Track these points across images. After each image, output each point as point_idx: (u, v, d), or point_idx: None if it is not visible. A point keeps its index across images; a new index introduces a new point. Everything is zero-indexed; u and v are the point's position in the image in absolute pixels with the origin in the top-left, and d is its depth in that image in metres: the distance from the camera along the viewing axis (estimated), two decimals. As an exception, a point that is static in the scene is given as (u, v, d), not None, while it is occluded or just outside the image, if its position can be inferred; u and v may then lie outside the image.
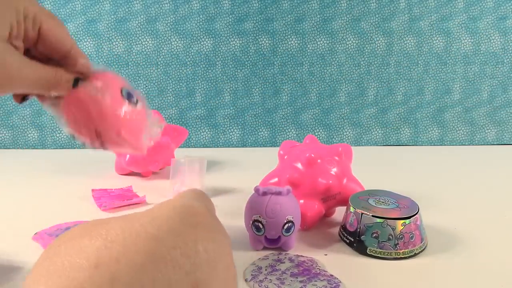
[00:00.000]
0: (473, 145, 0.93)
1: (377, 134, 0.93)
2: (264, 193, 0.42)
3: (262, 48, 0.90)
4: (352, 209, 0.44)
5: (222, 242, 0.23)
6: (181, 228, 0.20)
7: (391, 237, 0.42)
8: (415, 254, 0.43)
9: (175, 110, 0.91)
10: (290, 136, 0.92)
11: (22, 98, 0.35)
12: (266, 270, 0.39)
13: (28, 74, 0.31)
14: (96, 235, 0.19)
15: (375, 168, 0.74)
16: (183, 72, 0.90)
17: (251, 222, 0.42)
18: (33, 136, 0.90)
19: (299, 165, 0.49)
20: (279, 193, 0.42)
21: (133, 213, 0.21)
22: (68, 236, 0.20)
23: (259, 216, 0.42)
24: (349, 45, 0.91)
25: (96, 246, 0.18)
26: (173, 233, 0.20)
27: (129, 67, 0.89)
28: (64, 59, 0.34)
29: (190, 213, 0.22)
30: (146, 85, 0.90)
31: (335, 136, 0.92)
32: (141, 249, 0.18)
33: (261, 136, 0.92)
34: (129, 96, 0.37)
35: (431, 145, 0.93)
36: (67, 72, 0.34)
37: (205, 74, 0.91)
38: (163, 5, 0.88)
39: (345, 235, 0.45)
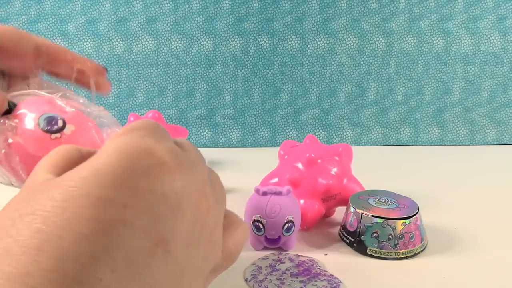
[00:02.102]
0: (473, 145, 0.93)
1: (377, 134, 0.93)
2: (264, 193, 0.42)
3: (262, 48, 0.90)
4: (352, 209, 0.44)
5: (189, 177, 0.18)
6: (131, 179, 0.16)
7: (391, 237, 0.42)
8: (415, 254, 0.43)
9: (175, 110, 0.91)
10: (290, 136, 0.92)
11: None
12: (266, 270, 0.39)
13: None
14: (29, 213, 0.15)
15: (375, 168, 0.74)
16: (183, 72, 0.90)
17: (251, 222, 0.42)
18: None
19: (299, 165, 0.49)
20: (279, 193, 0.42)
21: (68, 173, 0.17)
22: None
23: (259, 216, 0.42)
24: (349, 45, 0.91)
25: (34, 228, 0.14)
26: (121, 188, 0.16)
27: (129, 67, 0.89)
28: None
29: (139, 156, 0.17)
30: (146, 85, 0.90)
31: (335, 136, 0.92)
32: (84, 218, 0.15)
33: (261, 136, 0.92)
34: (48, 124, 0.31)
35: (431, 145, 0.93)
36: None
37: (205, 74, 0.91)
38: (163, 5, 0.88)
39: (345, 235, 0.45)
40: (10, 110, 0.30)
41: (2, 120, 0.30)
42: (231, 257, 0.22)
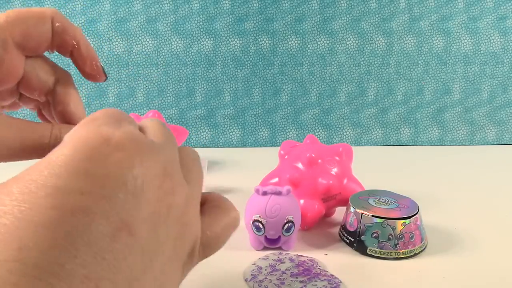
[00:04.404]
0: (473, 145, 0.93)
1: (377, 134, 0.93)
2: (264, 193, 0.42)
3: (262, 48, 0.90)
4: (352, 209, 0.44)
5: (150, 160, 0.18)
6: (87, 167, 0.16)
7: (391, 237, 0.42)
8: (415, 254, 0.43)
9: (175, 110, 0.91)
10: (290, 136, 0.92)
11: None
12: (266, 270, 0.39)
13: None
14: None
15: (375, 168, 0.74)
16: (183, 72, 0.90)
17: (251, 222, 0.42)
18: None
19: (299, 165, 0.49)
20: (279, 193, 0.42)
21: (27, 169, 0.17)
22: None
23: (259, 216, 0.42)
24: (349, 45, 0.91)
25: None
26: (78, 176, 0.16)
27: (129, 67, 0.90)
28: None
29: (94, 145, 0.17)
30: (146, 85, 0.90)
31: (335, 136, 0.92)
32: (43, 207, 0.15)
33: (261, 136, 0.92)
34: None
35: (431, 145, 0.93)
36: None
37: (205, 74, 0.91)
38: (163, 5, 0.88)
39: (345, 235, 0.45)
40: None
41: None
42: (216, 243, 0.22)
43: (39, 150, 0.24)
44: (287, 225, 0.42)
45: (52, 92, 0.27)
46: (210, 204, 0.22)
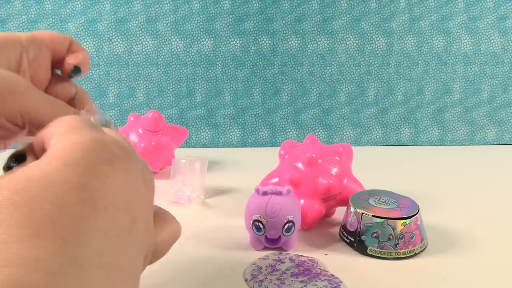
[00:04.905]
0: (473, 145, 0.93)
1: (377, 134, 0.93)
2: (265, 193, 0.42)
3: (262, 48, 0.90)
4: (352, 209, 0.44)
5: (134, 161, 0.19)
6: (98, 167, 0.18)
7: (391, 237, 0.42)
8: (415, 254, 0.43)
9: (175, 110, 0.91)
10: (290, 136, 0.92)
11: None
12: (266, 270, 0.39)
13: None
14: None
15: (375, 168, 0.74)
16: (183, 72, 0.90)
17: (251, 222, 0.42)
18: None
19: (299, 165, 0.49)
20: (279, 193, 0.42)
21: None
22: None
23: (260, 216, 0.42)
24: (349, 45, 0.91)
25: None
26: (90, 175, 0.17)
27: (129, 67, 0.89)
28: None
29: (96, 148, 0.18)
30: (146, 85, 0.90)
31: (335, 136, 0.92)
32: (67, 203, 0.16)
33: (261, 136, 0.92)
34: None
35: (431, 145, 0.93)
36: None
37: (205, 74, 0.91)
38: (163, 5, 0.88)
39: (346, 235, 0.45)
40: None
41: None
42: (164, 249, 0.23)
43: None
44: (287, 225, 0.42)
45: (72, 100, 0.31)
46: (158, 217, 0.23)
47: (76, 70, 0.31)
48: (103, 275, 0.15)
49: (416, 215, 0.43)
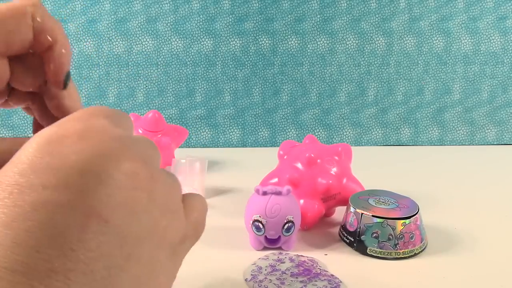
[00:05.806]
0: (473, 145, 0.93)
1: (377, 134, 0.93)
2: (264, 193, 0.42)
3: (262, 48, 0.90)
4: (352, 209, 0.44)
5: (119, 150, 0.18)
6: (48, 161, 0.17)
7: (391, 237, 0.42)
8: (415, 254, 0.43)
9: (175, 110, 0.91)
10: (290, 136, 0.92)
11: None
12: (266, 270, 0.39)
13: None
14: None
15: (375, 168, 0.74)
16: (183, 72, 0.90)
17: (251, 222, 0.42)
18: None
19: (299, 165, 0.49)
20: (279, 193, 0.42)
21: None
22: None
23: (259, 216, 0.42)
24: (349, 45, 0.91)
25: None
26: (41, 171, 0.16)
27: (129, 67, 0.89)
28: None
29: (54, 139, 0.17)
30: (146, 85, 0.90)
31: (335, 136, 0.92)
32: (5, 205, 0.15)
33: (261, 136, 0.92)
34: None
35: (431, 145, 0.93)
36: None
37: (205, 74, 0.91)
38: (163, 5, 0.88)
39: (345, 235, 0.45)
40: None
41: None
42: (198, 228, 0.22)
43: None
44: (287, 225, 0.42)
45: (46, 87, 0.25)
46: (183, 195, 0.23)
47: (68, 76, 0.24)
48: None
49: (416, 215, 0.43)
